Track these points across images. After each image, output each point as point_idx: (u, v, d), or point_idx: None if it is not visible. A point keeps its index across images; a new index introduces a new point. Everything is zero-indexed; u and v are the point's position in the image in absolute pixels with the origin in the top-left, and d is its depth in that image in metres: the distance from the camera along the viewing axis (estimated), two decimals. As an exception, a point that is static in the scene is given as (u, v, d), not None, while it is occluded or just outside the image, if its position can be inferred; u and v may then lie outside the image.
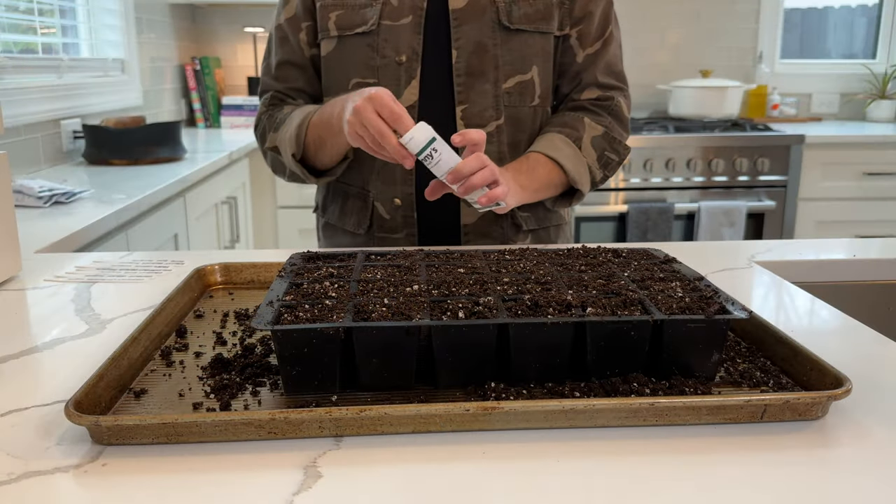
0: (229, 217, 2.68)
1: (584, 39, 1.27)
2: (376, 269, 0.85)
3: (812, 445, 0.61)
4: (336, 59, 1.26)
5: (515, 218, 1.29)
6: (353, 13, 1.23)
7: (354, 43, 1.23)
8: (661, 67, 3.75)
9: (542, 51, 1.25)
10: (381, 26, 1.21)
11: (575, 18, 1.26)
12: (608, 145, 1.27)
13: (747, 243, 1.27)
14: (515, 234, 1.30)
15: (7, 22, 2.26)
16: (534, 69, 1.25)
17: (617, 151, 1.28)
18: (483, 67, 1.22)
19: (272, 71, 1.32)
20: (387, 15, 1.21)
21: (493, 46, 1.21)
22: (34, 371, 0.76)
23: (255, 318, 0.68)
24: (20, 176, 2.05)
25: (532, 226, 1.32)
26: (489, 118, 1.23)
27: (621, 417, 0.63)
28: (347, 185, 1.31)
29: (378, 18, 1.21)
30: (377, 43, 1.22)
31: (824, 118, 3.83)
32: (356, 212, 1.30)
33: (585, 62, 1.28)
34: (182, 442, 0.61)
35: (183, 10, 3.52)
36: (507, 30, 1.21)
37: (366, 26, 1.22)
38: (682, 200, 3.17)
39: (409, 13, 1.21)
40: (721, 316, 0.69)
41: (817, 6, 3.87)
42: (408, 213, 1.26)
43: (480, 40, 1.21)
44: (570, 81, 1.30)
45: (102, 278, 1.07)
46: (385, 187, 1.26)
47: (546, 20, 1.23)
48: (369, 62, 1.23)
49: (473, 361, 0.69)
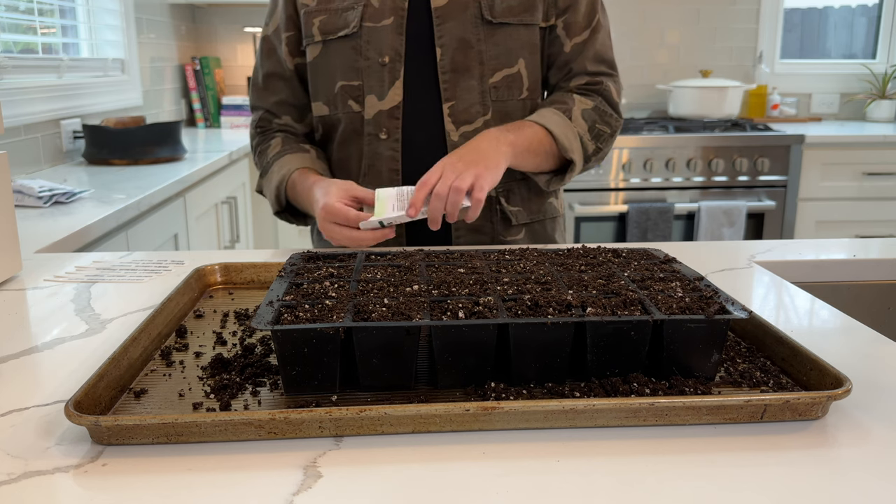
0: (229, 217, 2.68)
1: (571, 29, 1.26)
2: (376, 269, 0.85)
3: (812, 445, 0.61)
4: (322, 63, 1.27)
5: (505, 212, 1.29)
6: (336, 17, 1.24)
7: (338, 46, 1.24)
8: (661, 67, 3.75)
9: (528, 43, 1.24)
10: (363, 28, 1.22)
11: (560, 9, 1.26)
12: (599, 118, 1.26)
13: (747, 243, 1.27)
14: (507, 230, 1.30)
15: (7, 22, 2.26)
16: (520, 62, 1.24)
17: (608, 124, 1.27)
18: (468, 63, 1.22)
19: (260, 83, 1.35)
20: (368, 17, 1.22)
21: (477, 42, 1.21)
22: (34, 371, 0.76)
23: (255, 318, 0.68)
24: (20, 176, 2.05)
25: (524, 220, 1.31)
26: (476, 114, 1.23)
27: (621, 417, 0.63)
28: None
29: (360, 21, 1.22)
30: (360, 45, 1.23)
31: (824, 118, 3.83)
32: None
33: (573, 52, 1.27)
34: (182, 442, 0.61)
35: (183, 10, 3.52)
36: (491, 24, 1.21)
37: (348, 29, 1.23)
38: (682, 200, 3.17)
39: (391, 14, 1.22)
40: (721, 316, 0.69)
41: (817, 6, 3.87)
42: None
43: (464, 36, 1.21)
44: (558, 71, 1.30)
45: (102, 278, 1.07)
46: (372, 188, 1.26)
47: (530, 11, 1.23)
48: (353, 64, 1.24)
49: (473, 361, 0.69)
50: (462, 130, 1.24)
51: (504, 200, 1.29)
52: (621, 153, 3.13)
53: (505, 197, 1.29)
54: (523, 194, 1.31)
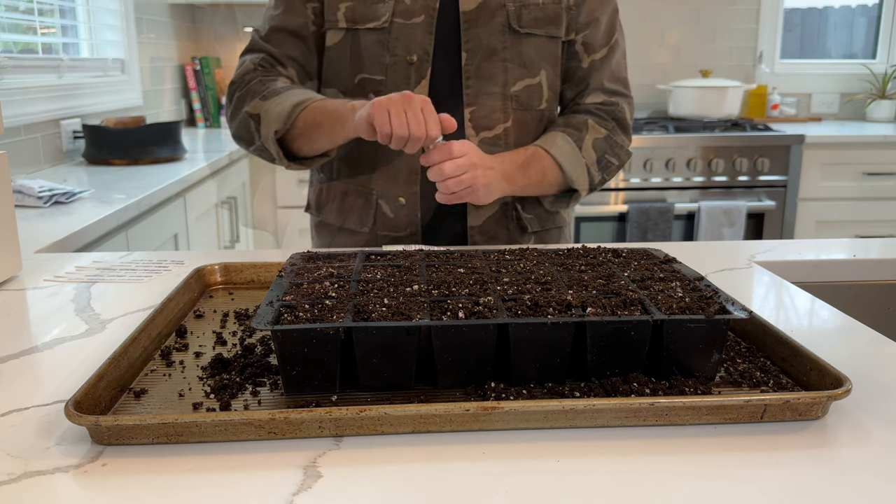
0: (229, 217, 2.68)
1: (590, 46, 1.27)
2: (376, 269, 0.85)
3: (812, 445, 0.61)
4: (342, 51, 1.23)
5: (521, 220, 1.30)
6: (365, 6, 1.21)
7: (364, 38, 1.21)
8: (661, 67, 3.75)
9: (551, 55, 1.25)
10: (394, 24, 1.20)
11: (581, 24, 1.26)
12: (609, 149, 1.27)
13: (747, 243, 1.27)
14: (521, 236, 1.31)
15: (7, 22, 2.26)
16: (542, 73, 1.24)
17: (618, 156, 1.28)
18: (492, 70, 1.21)
19: (269, 33, 1.26)
20: (399, 13, 1.20)
21: (503, 49, 1.21)
22: (34, 371, 0.76)
23: (255, 318, 0.68)
24: (20, 176, 2.05)
25: (536, 227, 1.32)
26: (497, 121, 1.23)
27: (621, 417, 0.63)
28: (346, 182, 1.29)
29: (391, 16, 1.20)
30: (388, 41, 1.20)
31: (824, 118, 3.83)
32: (357, 209, 1.29)
33: (591, 68, 1.28)
34: (182, 442, 0.61)
35: (183, 10, 3.51)
36: (517, 33, 1.21)
37: (378, 22, 1.20)
38: (682, 200, 3.17)
39: (422, 12, 1.20)
40: (721, 316, 0.69)
41: (817, 6, 3.87)
42: (412, 213, 1.25)
43: (490, 43, 1.21)
44: (575, 86, 1.30)
45: (102, 278, 1.07)
46: (388, 186, 1.25)
47: (555, 24, 1.23)
48: (379, 59, 1.21)
49: (473, 361, 0.69)
50: (482, 136, 1.23)
51: (520, 208, 1.29)
52: (621, 153, 3.13)
53: (521, 205, 1.29)
54: (536, 203, 1.31)
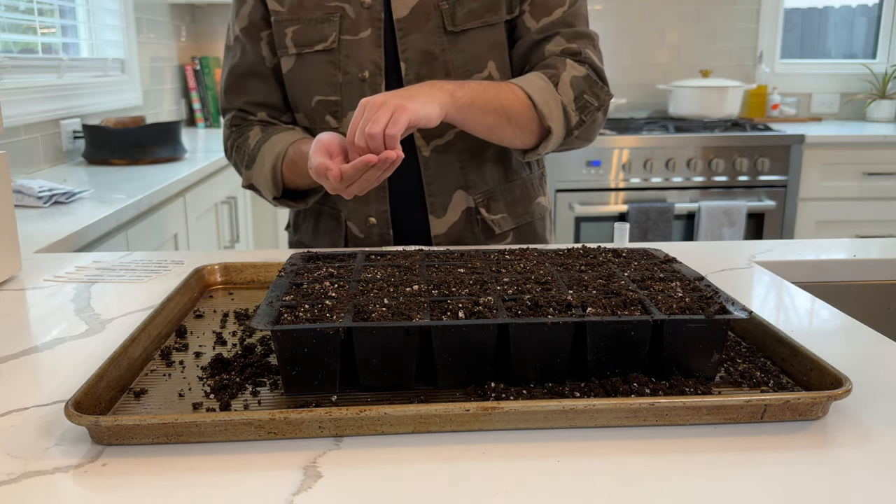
0: (229, 217, 2.68)
1: (540, 10, 1.18)
2: (376, 269, 0.85)
3: (812, 445, 0.61)
4: (297, 76, 1.21)
5: (486, 222, 1.25)
6: (311, 29, 1.18)
7: (314, 60, 1.19)
8: (661, 67, 3.75)
9: (495, 42, 1.18)
10: (342, 42, 1.17)
11: None
12: (588, 88, 1.16)
13: (747, 243, 1.27)
14: (490, 239, 1.26)
15: (7, 22, 2.26)
16: (490, 64, 1.18)
17: (597, 96, 1.17)
18: (433, 76, 1.16)
19: (230, 85, 1.26)
20: (346, 29, 1.17)
21: (442, 52, 1.16)
22: (34, 371, 0.76)
23: (254, 319, 0.68)
24: (20, 176, 2.05)
25: (509, 225, 1.27)
26: (446, 126, 1.17)
27: (621, 417, 0.63)
28: (319, 203, 1.28)
29: (338, 34, 1.16)
30: (339, 59, 1.17)
31: (824, 118, 3.83)
32: (329, 231, 1.28)
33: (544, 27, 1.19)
34: (182, 442, 0.61)
35: (183, 10, 3.51)
36: (453, 33, 1.16)
37: (326, 43, 1.17)
38: (682, 200, 3.17)
39: (368, 26, 1.16)
40: (721, 316, 0.69)
41: (817, 6, 3.87)
42: (383, 231, 1.23)
43: (427, 48, 1.16)
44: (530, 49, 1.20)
45: (102, 278, 1.07)
46: (357, 206, 1.23)
47: (493, 10, 1.17)
48: (332, 79, 1.18)
49: (473, 361, 0.69)
50: (433, 144, 1.20)
51: (484, 210, 1.24)
52: (621, 153, 3.13)
53: (485, 206, 1.24)
54: (507, 199, 1.27)
